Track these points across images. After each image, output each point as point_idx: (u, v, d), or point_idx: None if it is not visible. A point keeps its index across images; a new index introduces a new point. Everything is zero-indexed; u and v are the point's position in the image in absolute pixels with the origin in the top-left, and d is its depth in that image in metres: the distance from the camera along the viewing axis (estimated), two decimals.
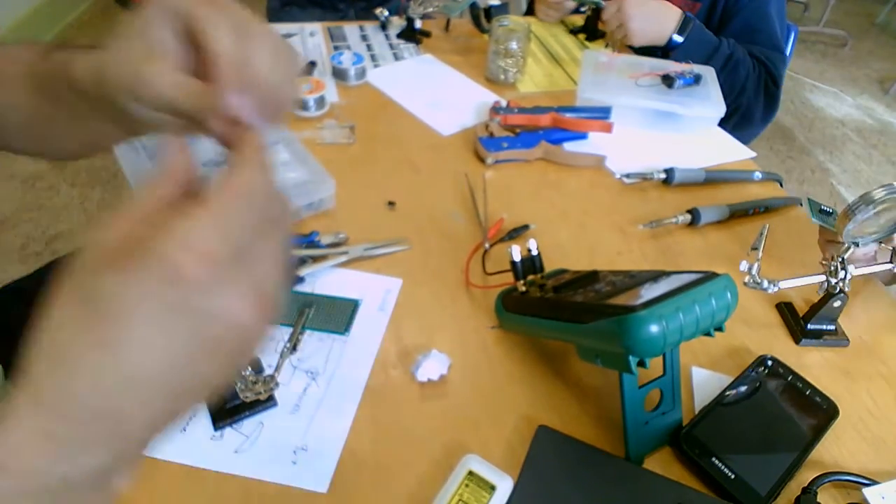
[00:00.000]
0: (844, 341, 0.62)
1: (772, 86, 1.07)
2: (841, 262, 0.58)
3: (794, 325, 0.63)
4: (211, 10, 0.29)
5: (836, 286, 0.58)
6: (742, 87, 1.05)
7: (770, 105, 1.10)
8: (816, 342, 0.62)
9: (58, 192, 1.96)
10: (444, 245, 0.70)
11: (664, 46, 1.06)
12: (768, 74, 1.07)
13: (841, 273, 0.58)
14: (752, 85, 1.06)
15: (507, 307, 0.58)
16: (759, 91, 1.07)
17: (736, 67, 1.04)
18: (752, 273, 0.56)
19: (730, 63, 1.04)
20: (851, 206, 0.54)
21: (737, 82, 1.05)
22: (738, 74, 1.05)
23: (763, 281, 0.56)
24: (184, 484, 0.46)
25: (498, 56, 1.02)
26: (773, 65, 1.07)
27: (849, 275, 0.58)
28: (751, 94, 1.06)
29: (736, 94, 1.06)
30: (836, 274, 0.58)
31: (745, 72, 1.05)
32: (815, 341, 0.62)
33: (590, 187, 0.82)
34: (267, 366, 0.54)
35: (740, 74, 1.05)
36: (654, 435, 0.50)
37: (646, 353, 0.42)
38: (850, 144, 2.62)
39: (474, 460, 0.47)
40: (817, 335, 0.62)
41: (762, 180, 0.85)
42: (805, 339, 0.61)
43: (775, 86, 1.08)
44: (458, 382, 0.55)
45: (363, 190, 0.77)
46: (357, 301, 0.62)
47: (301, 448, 0.49)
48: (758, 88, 1.07)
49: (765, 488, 0.47)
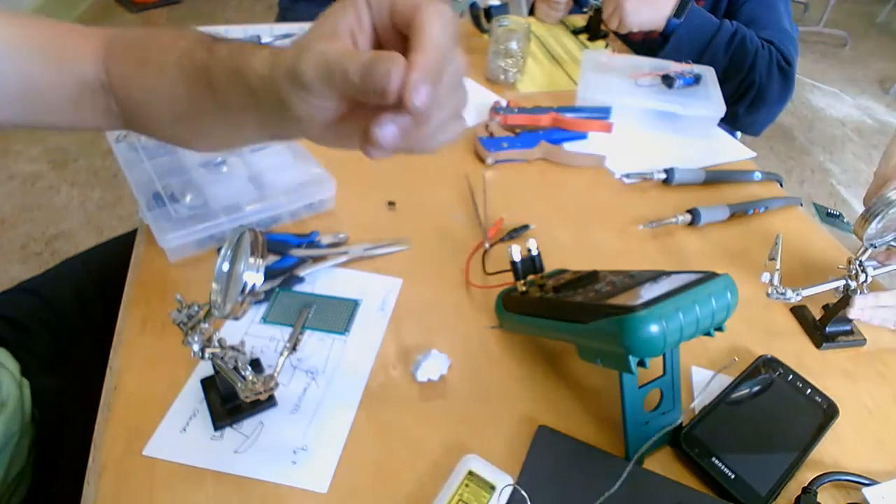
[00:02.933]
0: (861, 340, 0.62)
1: (784, 63, 1.03)
2: (860, 265, 0.58)
3: (813, 329, 0.62)
4: (437, 5, 0.30)
5: (855, 290, 0.58)
6: (752, 64, 1.02)
7: (785, 83, 1.05)
8: (836, 345, 0.61)
9: (58, 192, 1.96)
10: (444, 245, 0.70)
11: (662, 32, 1.04)
12: (779, 52, 1.03)
13: (862, 276, 0.58)
14: (763, 62, 1.02)
15: (507, 307, 0.58)
16: (772, 68, 1.03)
17: (742, 43, 1.01)
18: (773, 284, 0.56)
19: (735, 39, 1.01)
20: (870, 209, 0.54)
21: (746, 58, 1.01)
22: (745, 50, 1.01)
23: (787, 291, 0.56)
24: (184, 484, 0.46)
25: (498, 56, 1.02)
26: (783, 44, 1.03)
27: (869, 277, 0.58)
28: (762, 70, 1.03)
29: (746, 71, 1.02)
30: (858, 277, 0.58)
31: (753, 47, 1.01)
32: (834, 344, 0.61)
33: (590, 187, 0.82)
34: (267, 366, 0.54)
35: (748, 50, 1.01)
36: (654, 435, 0.50)
37: (646, 353, 0.42)
38: (850, 144, 2.62)
39: (474, 460, 0.47)
40: (835, 337, 0.61)
41: (762, 180, 0.85)
42: (826, 343, 0.61)
43: (787, 63, 1.04)
44: (458, 382, 0.55)
45: (363, 190, 0.77)
46: (357, 301, 0.62)
47: (301, 448, 0.49)
48: (770, 65, 1.03)
49: (765, 488, 0.47)
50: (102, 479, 0.46)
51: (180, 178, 0.68)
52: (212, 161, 0.71)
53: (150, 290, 0.61)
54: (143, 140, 0.72)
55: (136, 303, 0.60)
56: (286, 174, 0.71)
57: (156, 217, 0.62)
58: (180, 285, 0.62)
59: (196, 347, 0.44)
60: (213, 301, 0.42)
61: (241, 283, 0.38)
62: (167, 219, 0.62)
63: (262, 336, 0.58)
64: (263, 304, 0.61)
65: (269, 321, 0.59)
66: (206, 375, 0.53)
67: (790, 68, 1.05)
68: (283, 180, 0.70)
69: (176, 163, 0.70)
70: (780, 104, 1.10)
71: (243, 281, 0.38)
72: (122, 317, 0.58)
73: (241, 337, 0.57)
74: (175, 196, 0.65)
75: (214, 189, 0.67)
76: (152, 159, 0.70)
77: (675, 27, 1.03)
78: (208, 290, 0.42)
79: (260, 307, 0.60)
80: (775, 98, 1.07)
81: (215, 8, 3.28)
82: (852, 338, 0.62)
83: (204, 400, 0.51)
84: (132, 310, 0.59)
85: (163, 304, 0.60)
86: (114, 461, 0.47)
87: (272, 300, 0.61)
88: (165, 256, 0.64)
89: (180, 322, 0.44)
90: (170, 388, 0.52)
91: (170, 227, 0.61)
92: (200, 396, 0.52)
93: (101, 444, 0.48)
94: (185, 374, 0.53)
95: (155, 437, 0.49)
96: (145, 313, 0.59)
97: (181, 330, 0.45)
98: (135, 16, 3.12)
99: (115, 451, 0.48)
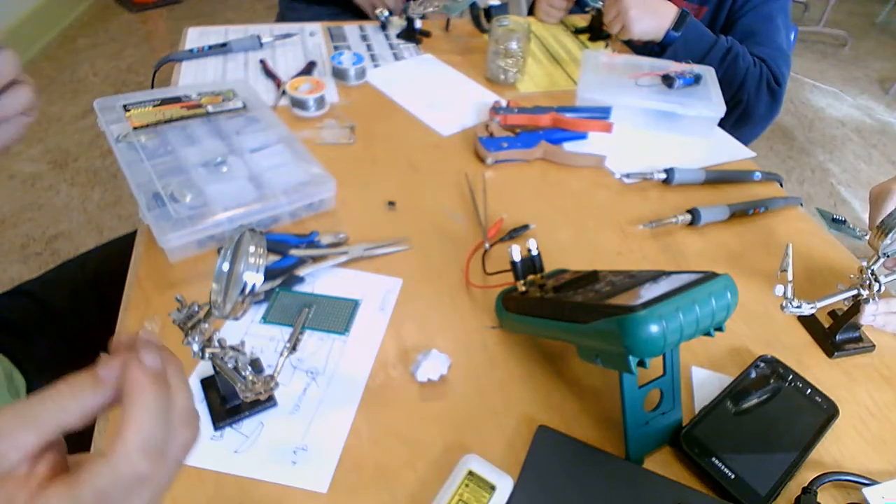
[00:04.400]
0: (871, 347, 0.61)
1: (774, 83, 1.06)
2: (872, 274, 0.58)
3: (824, 339, 0.62)
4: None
5: (867, 299, 0.58)
6: (742, 82, 1.05)
7: (772, 103, 1.08)
8: (847, 353, 0.61)
9: (58, 192, 1.96)
10: (444, 245, 0.70)
11: (661, 42, 1.06)
12: (770, 72, 1.06)
13: (875, 286, 0.58)
14: (752, 80, 1.05)
15: (507, 307, 0.58)
16: (761, 87, 1.06)
17: (735, 61, 1.04)
18: (787, 297, 0.55)
19: (728, 56, 1.04)
20: (886, 221, 0.55)
21: (737, 75, 1.04)
22: (737, 67, 1.04)
23: (802, 304, 0.55)
24: (184, 484, 0.46)
25: (498, 56, 1.02)
26: (775, 63, 1.06)
27: (882, 286, 0.58)
28: (751, 89, 1.05)
29: (736, 88, 1.05)
30: (871, 287, 0.58)
31: (744, 65, 1.04)
32: (845, 352, 0.61)
33: (590, 187, 0.82)
34: (267, 366, 0.54)
35: (739, 67, 1.04)
36: (654, 435, 0.50)
37: (646, 353, 0.42)
38: (850, 144, 2.62)
39: (474, 460, 0.47)
40: (846, 345, 0.61)
41: (762, 180, 0.85)
42: (837, 353, 0.60)
43: (777, 84, 1.07)
44: (458, 382, 0.55)
45: (363, 190, 0.77)
46: (357, 301, 0.62)
47: (301, 448, 0.49)
48: (759, 84, 1.06)
49: (765, 488, 0.47)
50: None
51: (180, 178, 0.68)
52: (212, 161, 0.71)
53: (150, 291, 0.61)
54: (143, 140, 0.73)
55: (136, 303, 0.60)
56: (286, 174, 0.71)
57: (156, 217, 0.62)
58: (180, 285, 0.62)
59: (196, 347, 0.44)
60: (213, 301, 0.42)
61: (241, 283, 0.39)
62: (167, 219, 0.62)
63: (262, 336, 0.58)
64: (263, 304, 0.61)
65: (269, 321, 0.59)
66: (206, 375, 0.53)
67: (779, 88, 1.07)
68: (283, 180, 0.70)
69: (176, 163, 0.70)
70: (766, 121, 1.12)
71: (243, 281, 0.39)
72: (122, 317, 0.58)
73: (241, 337, 0.57)
74: (175, 196, 0.65)
75: (214, 189, 0.67)
76: (152, 159, 0.70)
77: (673, 40, 1.05)
78: (208, 290, 0.42)
79: (260, 307, 0.60)
80: (761, 116, 1.10)
81: (215, 8, 3.28)
82: (862, 345, 0.61)
83: (204, 400, 0.51)
84: (132, 310, 0.59)
85: (163, 304, 0.60)
86: None
87: (272, 300, 0.61)
88: (165, 257, 0.64)
89: (180, 322, 0.44)
90: None
91: (170, 227, 0.61)
92: (200, 396, 0.52)
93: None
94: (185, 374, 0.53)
95: None
96: (145, 313, 0.59)
97: (181, 330, 0.45)
98: (135, 16, 3.12)
99: None
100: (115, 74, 2.62)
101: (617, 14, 1.04)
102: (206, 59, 1.04)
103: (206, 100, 0.82)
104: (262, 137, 0.76)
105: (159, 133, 0.75)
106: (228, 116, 0.80)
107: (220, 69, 1.02)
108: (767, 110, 1.09)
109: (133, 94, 0.81)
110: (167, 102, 0.80)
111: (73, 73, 2.60)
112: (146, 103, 0.79)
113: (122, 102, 0.78)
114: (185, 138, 0.75)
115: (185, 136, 0.75)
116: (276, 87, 0.97)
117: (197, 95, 0.83)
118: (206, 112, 0.80)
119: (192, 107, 0.80)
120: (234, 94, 0.84)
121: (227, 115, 0.80)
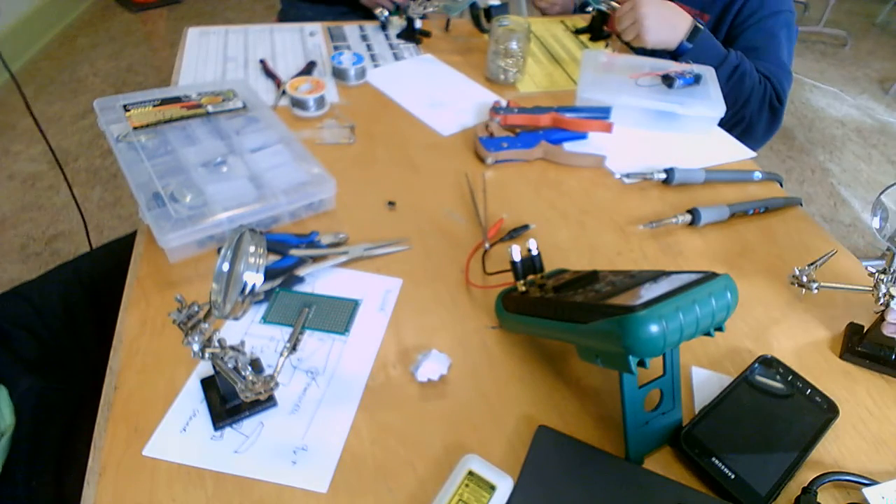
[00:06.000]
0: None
1: (776, 102, 1.06)
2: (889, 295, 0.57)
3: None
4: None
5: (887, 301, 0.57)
6: (746, 100, 1.04)
7: (773, 121, 1.08)
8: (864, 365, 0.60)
9: (58, 192, 1.96)
10: (444, 245, 0.70)
11: (673, 52, 1.05)
12: (773, 90, 1.06)
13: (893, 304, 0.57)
14: (756, 98, 1.04)
15: (507, 307, 0.58)
16: (764, 105, 1.06)
17: (742, 79, 1.03)
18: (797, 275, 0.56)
19: (736, 74, 1.03)
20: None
21: (742, 94, 1.04)
22: (743, 86, 1.03)
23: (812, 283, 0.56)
24: (184, 484, 0.46)
25: (498, 56, 1.02)
26: (778, 81, 1.06)
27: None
28: (754, 108, 1.05)
29: (740, 106, 1.05)
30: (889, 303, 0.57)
31: (750, 84, 1.04)
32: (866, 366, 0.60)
33: (590, 187, 0.82)
34: (267, 366, 0.54)
35: (745, 86, 1.03)
36: (654, 435, 0.50)
37: (646, 353, 0.42)
38: (850, 144, 2.62)
39: (474, 460, 0.47)
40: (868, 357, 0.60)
41: (762, 180, 0.85)
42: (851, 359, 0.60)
43: (779, 102, 1.06)
44: (458, 382, 0.55)
45: (363, 190, 0.77)
46: (357, 301, 0.62)
47: (301, 448, 0.49)
48: (762, 102, 1.05)
49: (765, 488, 0.47)
50: (102, 480, 0.46)
51: (180, 178, 0.68)
52: (212, 161, 0.71)
53: (150, 291, 0.61)
54: (143, 140, 0.73)
55: (136, 303, 0.60)
56: (286, 174, 0.71)
57: (156, 217, 0.62)
58: (180, 285, 0.62)
59: (196, 347, 0.44)
60: (213, 301, 0.42)
61: (241, 283, 0.39)
62: (167, 219, 0.62)
63: (262, 336, 0.58)
64: (263, 304, 0.61)
65: (269, 321, 0.59)
66: (206, 375, 0.53)
67: (780, 107, 1.07)
68: (283, 180, 0.70)
69: (176, 163, 0.70)
70: (766, 138, 1.12)
71: (243, 281, 0.39)
72: (121, 317, 0.58)
73: (241, 337, 0.57)
74: (175, 196, 0.65)
75: (214, 189, 0.67)
76: (152, 159, 0.70)
77: (686, 50, 1.04)
78: (208, 290, 0.42)
79: (260, 307, 0.60)
80: (762, 133, 1.10)
81: (215, 8, 3.28)
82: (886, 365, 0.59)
83: (204, 400, 0.51)
84: (132, 310, 0.59)
85: (163, 304, 0.60)
86: (114, 461, 0.47)
87: (272, 300, 0.61)
88: (165, 257, 0.64)
89: (180, 322, 0.44)
90: (170, 388, 0.52)
91: (170, 227, 0.61)
92: (200, 396, 0.52)
93: (101, 444, 0.48)
94: (185, 374, 0.53)
95: (155, 438, 0.49)
96: (145, 313, 0.59)
97: (181, 330, 0.45)
98: (135, 15, 3.12)
99: (115, 451, 0.48)
100: (115, 74, 2.62)
101: (633, 22, 1.03)
102: (207, 59, 1.04)
103: (206, 100, 0.82)
104: (262, 137, 0.77)
105: (159, 133, 0.75)
106: (228, 116, 0.80)
107: (220, 69, 1.02)
108: (768, 128, 1.09)
109: (133, 94, 0.81)
110: (167, 102, 0.80)
111: (73, 73, 2.60)
112: (146, 103, 0.79)
113: (122, 102, 0.79)
114: (185, 138, 0.75)
115: (185, 136, 0.75)
116: (276, 87, 0.97)
117: (197, 95, 0.83)
118: (206, 112, 0.80)
119: (192, 107, 0.80)
120: (234, 94, 0.84)
121: (227, 115, 0.80)
